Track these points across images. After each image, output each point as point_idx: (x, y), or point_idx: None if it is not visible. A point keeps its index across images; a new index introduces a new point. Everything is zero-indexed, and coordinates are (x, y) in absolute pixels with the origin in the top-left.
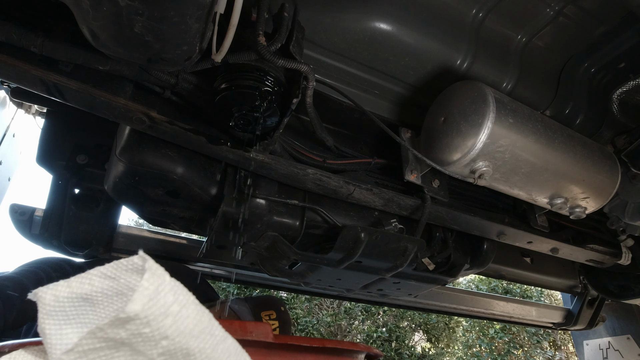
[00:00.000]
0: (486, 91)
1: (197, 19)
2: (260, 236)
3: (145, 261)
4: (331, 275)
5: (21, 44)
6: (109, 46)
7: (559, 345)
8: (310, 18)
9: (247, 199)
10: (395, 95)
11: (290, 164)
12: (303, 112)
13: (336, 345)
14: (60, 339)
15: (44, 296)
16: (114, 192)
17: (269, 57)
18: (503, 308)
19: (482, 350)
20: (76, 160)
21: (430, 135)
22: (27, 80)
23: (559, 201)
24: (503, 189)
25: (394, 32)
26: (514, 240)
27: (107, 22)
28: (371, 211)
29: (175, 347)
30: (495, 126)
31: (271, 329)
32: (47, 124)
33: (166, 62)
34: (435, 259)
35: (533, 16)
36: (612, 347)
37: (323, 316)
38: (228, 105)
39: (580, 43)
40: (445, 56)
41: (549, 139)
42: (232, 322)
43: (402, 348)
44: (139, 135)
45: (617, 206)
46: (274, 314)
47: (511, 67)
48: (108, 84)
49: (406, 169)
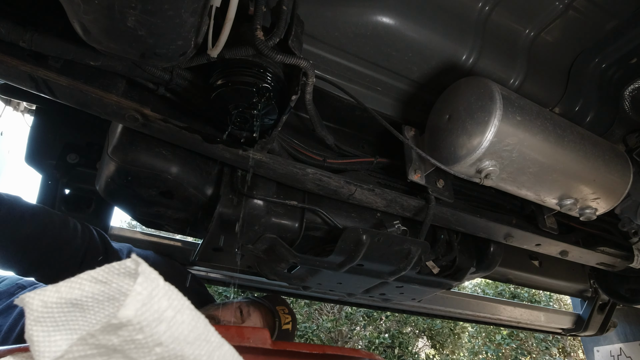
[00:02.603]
0: (493, 88)
1: (192, 13)
2: (258, 238)
3: (139, 265)
4: (332, 279)
5: (9, 38)
6: (101, 41)
7: (569, 352)
8: (309, 12)
9: (244, 199)
10: (398, 92)
11: (289, 163)
12: (302, 110)
13: (337, 352)
14: (48, 346)
15: (32, 302)
16: (105, 193)
17: (267, 52)
18: (510, 313)
19: (489, 357)
20: (66, 159)
21: (434, 133)
22: (15, 76)
23: (569, 202)
24: (510, 189)
25: (397, 26)
26: (521, 242)
27: (99, 15)
28: (373, 212)
29: (170, 354)
30: (502, 124)
31: (269, 335)
32: (37, 121)
33: (160, 58)
34: (440, 262)
35: (541, 10)
36: (624, 354)
37: (323, 322)
38: (224, 102)
39: (590, 38)
40: (450, 51)
41: (558, 137)
42: (229, 328)
43: (405, 355)
44: (131, 134)
45: (628, 207)
46: (286, 309)
47: (519, 62)
48: (100, 81)
49: (409, 169)
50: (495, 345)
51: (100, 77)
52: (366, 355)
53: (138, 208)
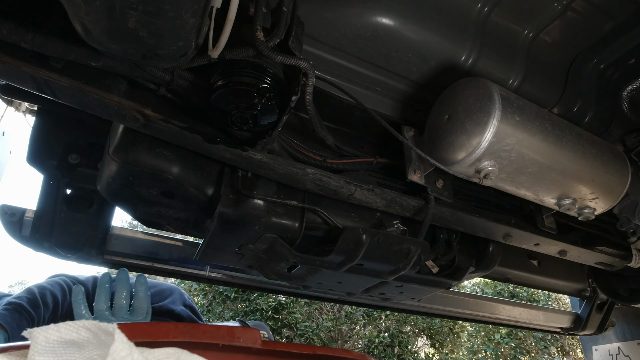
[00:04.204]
0: (492, 88)
1: (193, 14)
2: (258, 238)
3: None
4: (332, 278)
5: (11, 39)
6: (102, 42)
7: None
8: (310, 13)
9: (244, 199)
10: (398, 93)
11: (289, 163)
12: (302, 110)
13: (328, 353)
14: None
15: (37, 336)
16: (107, 193)
17: (267, 53)
18: (509, 312)
19: (488, 356)
20: (68, 159)
21: (433, 133)
22: (17, 77)
23: (567, 202)
24: (509, 189)
25: (397, 27)
26: (520, 242)
27: (100, 16)
28: (373, 212)
29: None
30: (501, 124)
31: (259, 335)
32: (38, 122)
33: (161, 59)
34: (439, 262)
35: (540, 10)
36: (622, 353)
37: (323, 321)
38: (225, 102)
39: (589, 38)
40: (450, 52)
41: (556, 137)
42: (219, 328)
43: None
44: (133, 134)
45: (627, 207)
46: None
47: (517, 63)
48: (101, 81)
49: (409, 169)
50: (494, 344)
51: (102, 78)
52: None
53: (139, 208)
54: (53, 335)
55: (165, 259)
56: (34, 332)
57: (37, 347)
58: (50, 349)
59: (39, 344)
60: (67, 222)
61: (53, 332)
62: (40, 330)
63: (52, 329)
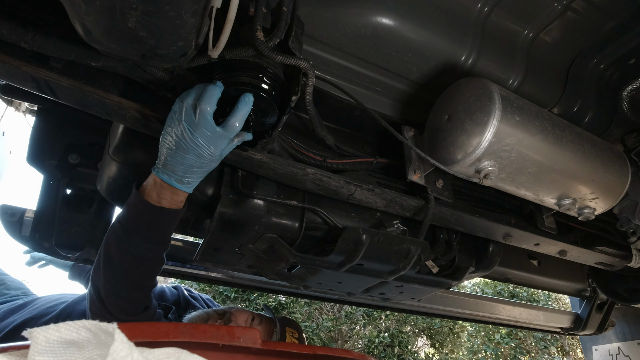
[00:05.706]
0: (492, 88)
1: (193, 14)
2: (258, 238)
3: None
4: (332, 278)
5: (11, 39)
6: (102, 42)
7: (567, 351)
8: (309, 13)
9: (244, 199)
10: (398, 93)
11: (289, 163)
12: (302, 110)
13: (328, 353)
14: None
15: (37, 336)
16: (107, 193)
17: (267, 53)
18: (509, 312)
19: (488, 356)
20: (68, 159)
21: (434, 133)
22: (17, 77)
23: (567, 202)
24: (509, 189)
25: (397, 27)
26: (520, 242)
27: (100, 16)
28: (373, 212)
29: None
30: (501, 124)
31: (259, 335)
32: (38, 122)
33: (161, 59)
34: (439, 262)
35: (540, 11)
36: (622, 353)
37: (323, 321)
38: (224, 102)
39: (589, 38)
40: (450, 52)
41: (556, 137)
42: (219, 328)
43: (405, 354)
44: (132, 134)
45: (627, 207)
46: (296, 333)
47: (517, 63)
48: (101, 81)
49: (409, 169)
50: (494, 344)
51: (102, 78)
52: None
53: None
54: (53, 335)
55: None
56: (34, 332)
57: (37, 347)
58: (50, 349)
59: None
60: (67, 222)
61: (53, 332)
62: (40, 330)
63: (52, 329)
